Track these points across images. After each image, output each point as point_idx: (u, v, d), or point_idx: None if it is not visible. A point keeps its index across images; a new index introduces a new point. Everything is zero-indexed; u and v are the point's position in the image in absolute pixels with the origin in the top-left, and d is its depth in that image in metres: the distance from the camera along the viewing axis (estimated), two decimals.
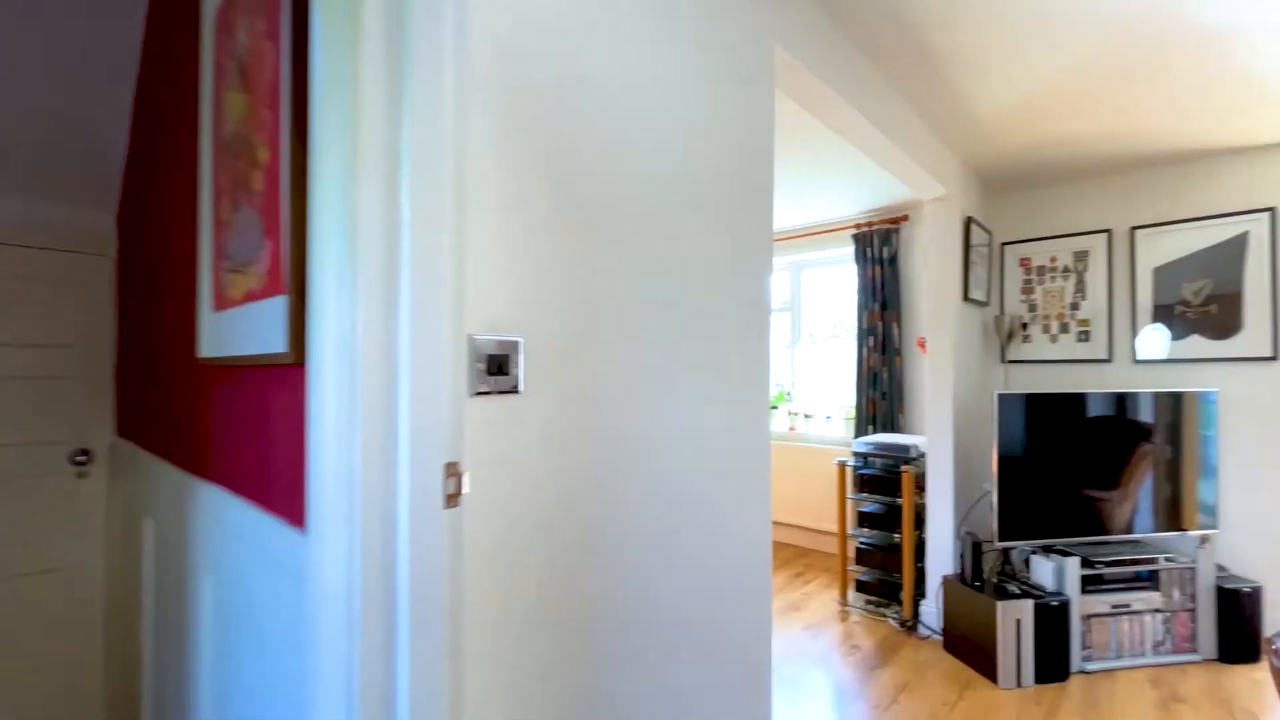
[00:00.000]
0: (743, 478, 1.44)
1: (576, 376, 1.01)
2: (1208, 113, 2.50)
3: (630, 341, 1.12)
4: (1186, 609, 2.76)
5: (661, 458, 1.20)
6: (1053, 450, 2.84)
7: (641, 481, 1.15)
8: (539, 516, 0.94)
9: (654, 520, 1.18)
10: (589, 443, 1.03)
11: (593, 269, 1.05)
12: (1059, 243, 3.42)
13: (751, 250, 1.47)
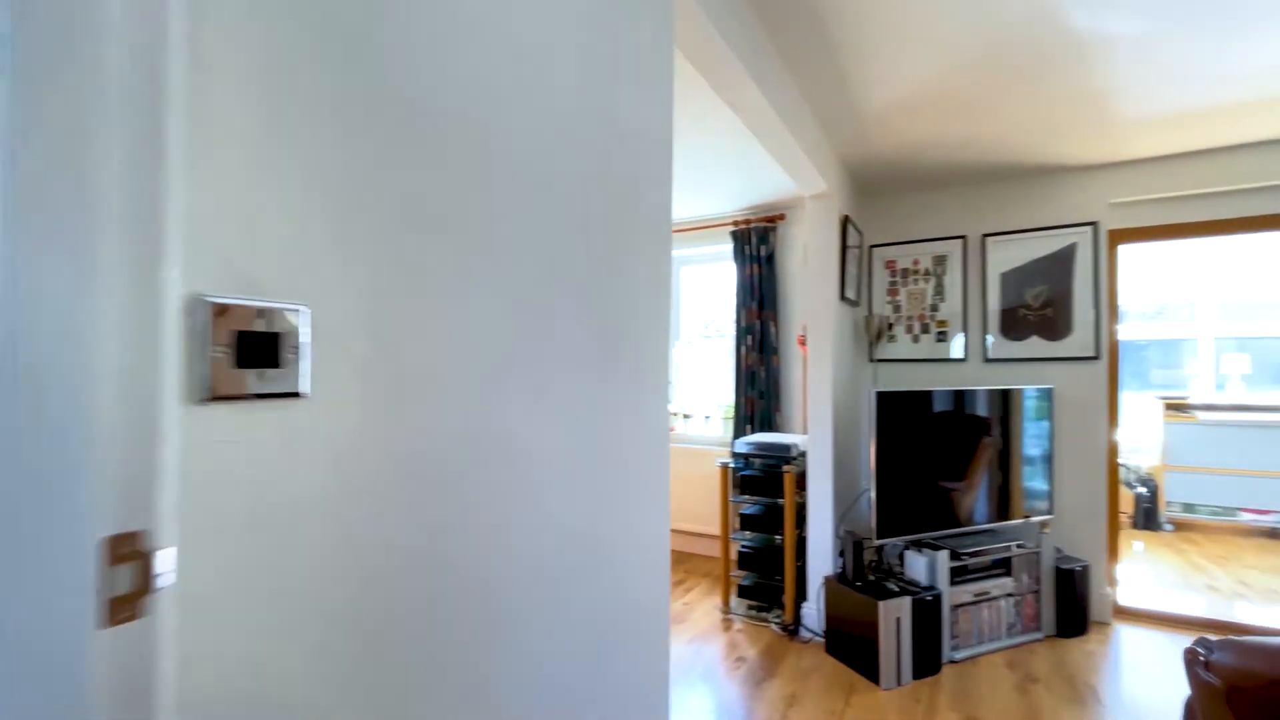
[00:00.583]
0: (642, 500, 1.15)
1: (402, 370, 0.65)
2: (1053, 131, 2.67)
3: (492, 320, 0.78)
4: (1032, 591, 2.96)
5: (543, 484, 0.86)
6: (925, 446, 2.91)
7: (516, 523, 0.81)
8: (333, 608, 0.57)
9: (534, 578, 0.84)
10: (427, 472, 0.67)
11: (429, 209, 0.69)
12: (921, 247, 3.58)
13: (651, 212, 1.18)
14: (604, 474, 1.02)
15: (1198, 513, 4.62)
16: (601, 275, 1.02)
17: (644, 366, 1.15)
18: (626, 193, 1.10)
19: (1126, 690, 2.48)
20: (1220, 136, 2.74)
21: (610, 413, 1.04)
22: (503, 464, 0.79)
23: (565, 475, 0.92)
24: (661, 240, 1.22)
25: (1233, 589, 3.47)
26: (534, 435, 0.85)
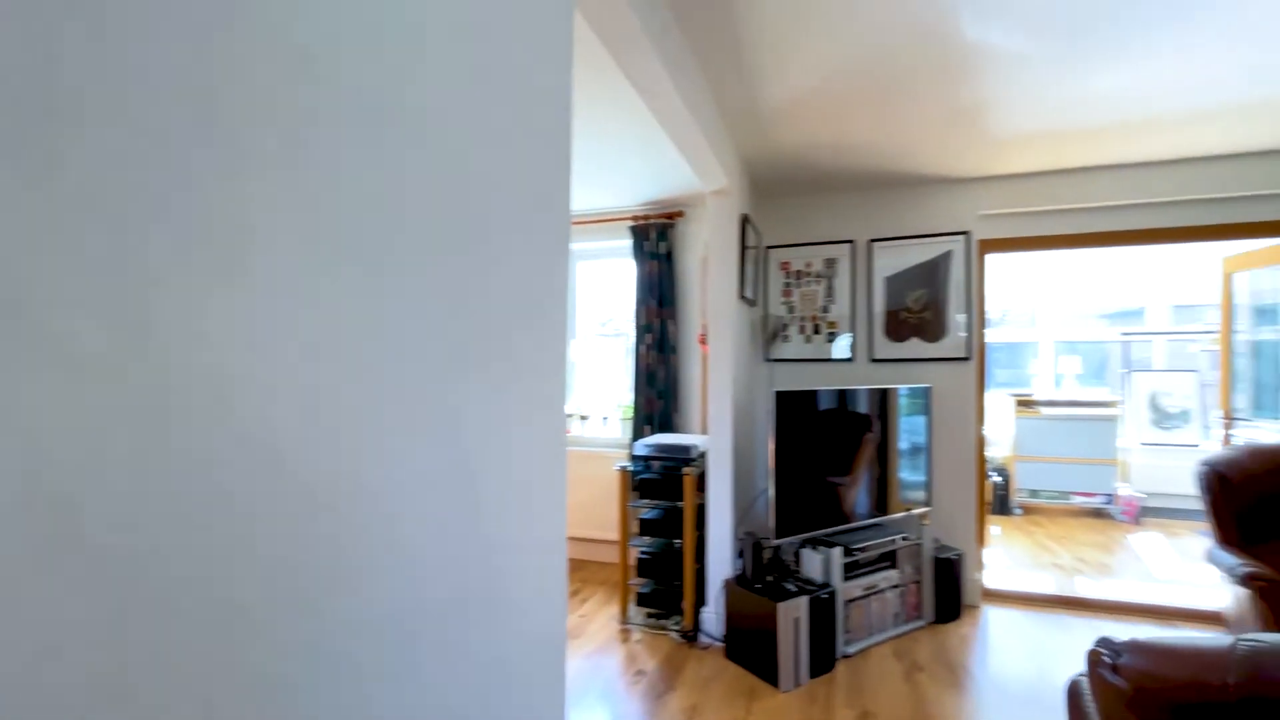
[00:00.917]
0: (534, 524, 0.96)
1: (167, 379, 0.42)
2: (933, 141, 2.79)
3: (327, 288, 0.56)
4: (914, 581, 3.10)
5: (403, 517, 0.65)
6: (820, 444, 2.95)
7: (364, 587, 0.59)
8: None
9: (397, 632, 0.62)
10: (229, 513, 0.44)
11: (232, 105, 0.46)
12: (814, 250, 3.66)
13: (547, 201, 1.00)
14: (488, 497, 0.82)
15: (1041, 497, 5.18)
16: (476, 267, 0.82)
17: (538, 371, 0.96)
18: (518, 176, 0.91)
19: (997, 669, 2.64)
20: (1077, 158, 3.02)
21: (496, 426, 0.84)
22: (348, 498, 0.57)
23: (438, 504, 0.71)
24: (558, 231, 1.04)
25: (1073, 565, 3.88)
26: (387, 458, 0.63)
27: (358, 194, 0.59)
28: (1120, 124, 2.59)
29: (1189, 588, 3.48)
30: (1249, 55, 2.03)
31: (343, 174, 0.57)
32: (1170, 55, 2.04)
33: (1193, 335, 5.44)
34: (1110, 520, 4.94)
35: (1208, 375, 5.22)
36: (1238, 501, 2.67)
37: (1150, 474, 5.11)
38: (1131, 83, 2.24)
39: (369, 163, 0.60)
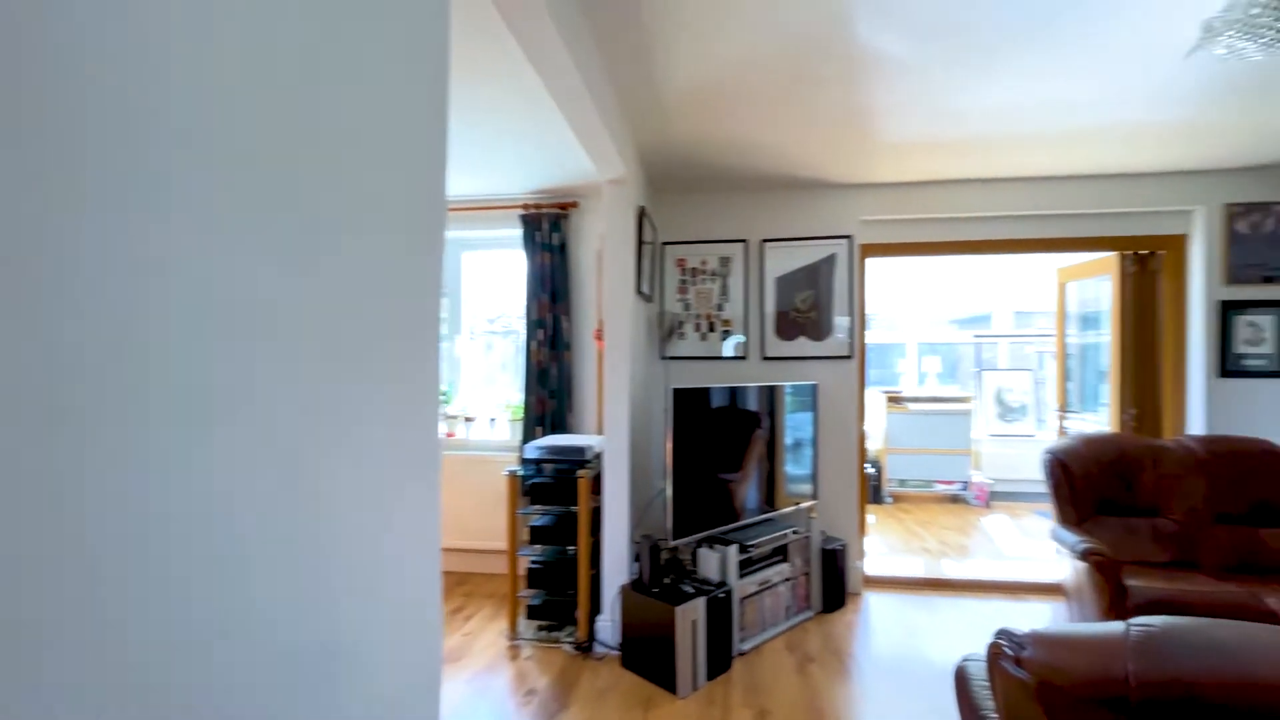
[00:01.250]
0: (399, 560, 0.76)
1: None
2: (822, 143, 2.86)
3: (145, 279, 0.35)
4: (804, 573, 3.17)
5: (242, 560, 0.44)
6: (716, 442, 2.92)
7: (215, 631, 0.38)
8: None
9: None
10: None
11: None
12: (709, 247, 3.65)
13: (416, 184, 0.81)
14: (331, 531, 0.62)
15: (908, 486, 5.61)
16: (327, 247, 0.62)
17: (401, 374, 0.77)
18: (379, 154, 0.71)
19: (880, 653, 2.75)
20: (948, 170, 3.23)
21: (347, 445, 0.64)
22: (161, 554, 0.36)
23: (260, 545, 0.50)
24: (428, 217, 0.85)
25: (939, 549, 4.20)
26: (219, 498, 0.42)
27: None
28: (985, 140, 2.80)
29: (1033, 563, 3.87)
30: (1087, 87, 2.24)
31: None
32: (1028, 80, 2.21)
33: (1029, 338, 6.17)
34: (966, 505, 5.45)
35: (1040, 374, 5.94)
36: (1075, 485, 2.99)
37: (997, 462, 5.71)
38: (994, 103, 2.40)
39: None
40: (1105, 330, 3.69)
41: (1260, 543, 2.71)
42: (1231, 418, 3.17)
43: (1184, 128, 2.62)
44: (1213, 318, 3.18)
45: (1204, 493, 2.84)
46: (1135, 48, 2.03)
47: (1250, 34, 1.85)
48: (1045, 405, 5.88)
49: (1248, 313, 3.15)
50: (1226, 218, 3.17)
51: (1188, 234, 3.29)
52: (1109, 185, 3.27)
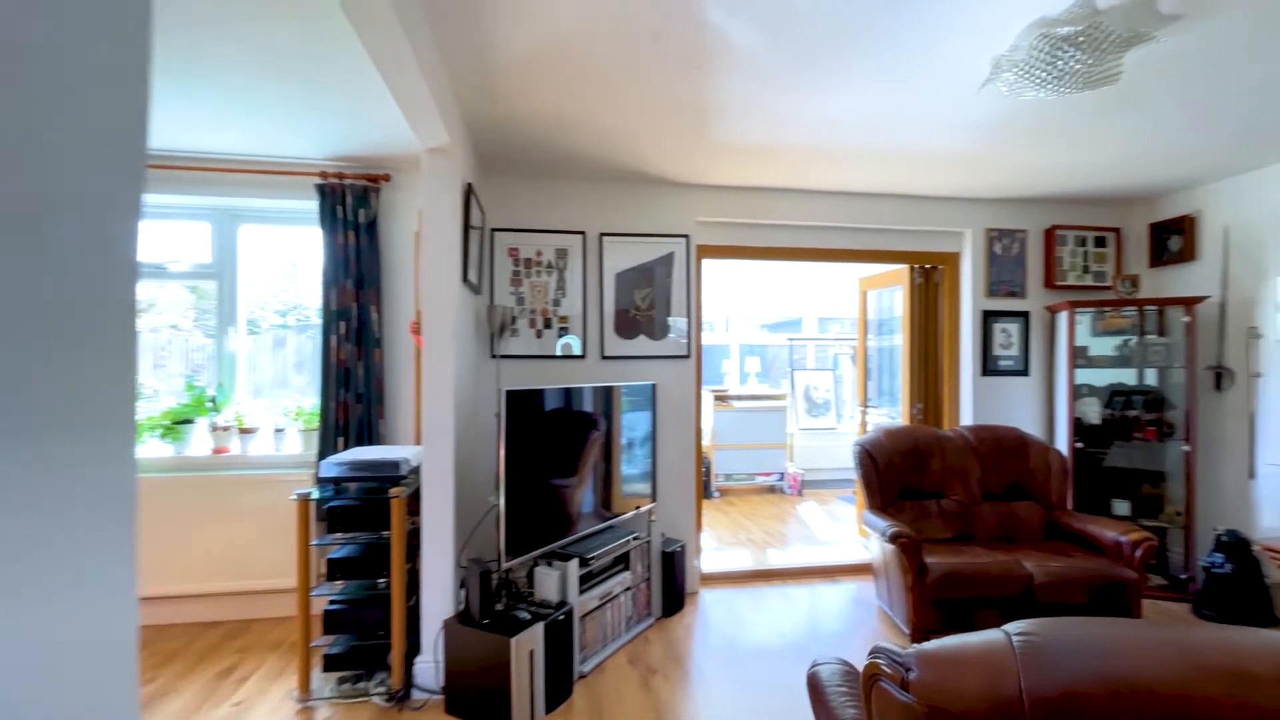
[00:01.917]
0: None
1: None
2: (662, 135, 2.77)
3: None
4: (645, 579, 3.06)
5: None
6: (554, 449, 2.67)
7: None
8: None
9: None
10: None
11: None
12: (544, 238, 3.39)
13: None
14: None
15: (733, 480, 5.89)
16: None
17: (57, 386, 0.42)
18: None
19: (720, 654, 2.73)
20: (778, 178, 3.35)
21: None
22: None
23: None
24: (121, 165, 0.49)
25: (763, 539, 4.42)
26: None
27: None
28: (809, 152, 2.92)
29: (844, 545, 4.24)
30: (901, 110, 2.42)
31: None
32: (854, 95, 2.31)
33: (831, 341, 6.89)
34: (782, 495, 5.88)
35: (838, 373, 6.65)
36: (881, 473, 3.28)
37: (807, 453, 6.26)
38: (821, 115, 2.50)
39: None
40: (898, 334, 4.17)
41: (1015, 516, 3.20)
42: (991, 409, 3.74)
43: (967, 157, 2.99)
44: (977, 325, 3.73)
45: (977, 475, 3.29)
46: (946, 78, 2.21)
47: (1027, 75, 2.11)
48: (844, 401, 6.60)
49: (1001, 321, 3.75)
50: (987, 240, 3.74)
51: (960, 252, 3.82)
52: (905, 205, 3.67)
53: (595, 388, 2.91)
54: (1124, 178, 3.28)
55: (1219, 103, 2.41)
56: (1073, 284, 3.77)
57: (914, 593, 2.78)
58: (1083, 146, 2.85)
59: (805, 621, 3.05)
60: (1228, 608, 2.95)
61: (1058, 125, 2.62)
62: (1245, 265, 3.19)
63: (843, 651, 2.72)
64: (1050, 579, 2.68)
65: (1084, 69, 2.02)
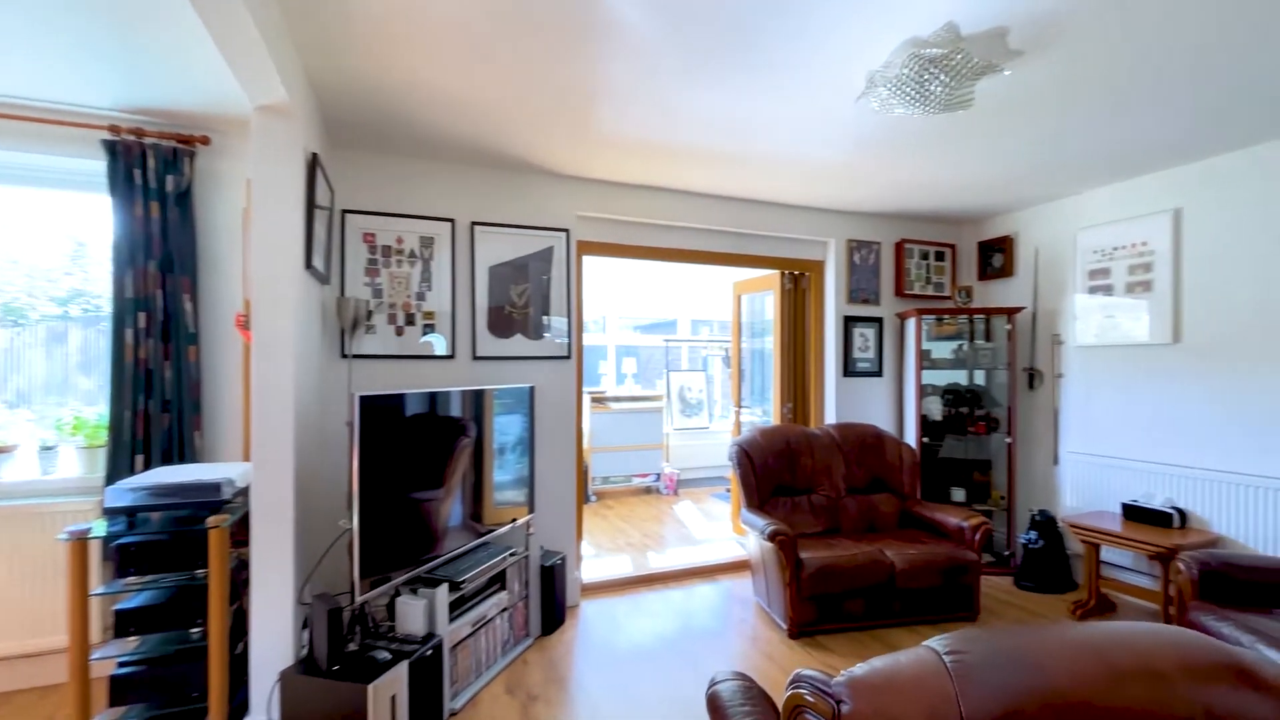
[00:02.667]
0: None
1: None
2: (541, 115, 2.58)
3: None
4: (523, 597, 2.83)
5: None
6: (418, 462, 2.36)
7: None
8: None
9: None
10: None
11: None
12: (406, 223, 3.03)
13: None
14: None
15: (611, 483, 5.80)
16: None
17: None
18: None
19: (605, 672, 2.58)
20: (659, 177, 3.28)
21: None
22: None
23: None
24: None
25: (643, 542, 4.36)
26: None
27: None
28: (689, 151, 2.89)
29: (720, 544, 4.30)
30: (782, 115, 2.46)
31: None
32: (737, 95, 2.30)
33: (704, 342, 7.07)
34: (659, 495, 5.90)
35: (709, 373, 6.84)
36: (757, 472, 3.34)
37: (682, 453, 6.35)
38: (703, 113, 2.46)
39: None
40: (769, 337, 4.33)
41: (875, 507, 3.43)
42: (851, 408, 4.00)
43: (836, 169, 3.14)
44: (840, 329, 3.97)
45: (842, 471, 3.48)
46: (826, 88, 2.26)
47: (898, 92, 2.22)
48: (715, 401, 6.79)
49: (859, 326, 4.03)
50: (848, 250, 4.00)
51: (825, 260, 4.04)
52: (779, 212, 3.81)
53: (465, 392, 2.64)
54: (960, 199, 3.67)
55: (1034, 140, 2.73)
56: (918, 293, 4.16)
57: (791, 588, 2.84)
58: (931, 167, 3.11)
59: (688, 626, 3.02)
60: (1041, 577, 3.40)
61: (914, 145, 2.82)
62: (1051, 281, 3.71)
63: (728, 653, 2.71)
64: (908, 565, 2.89)
65: (945, 92, 2.16)
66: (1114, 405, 3.33)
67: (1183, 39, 1.95)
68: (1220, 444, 2.89)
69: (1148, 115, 2.49)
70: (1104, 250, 3.39)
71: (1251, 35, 1.92)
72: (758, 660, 2.66)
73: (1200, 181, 2.98)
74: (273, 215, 2.07)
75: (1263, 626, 2.08)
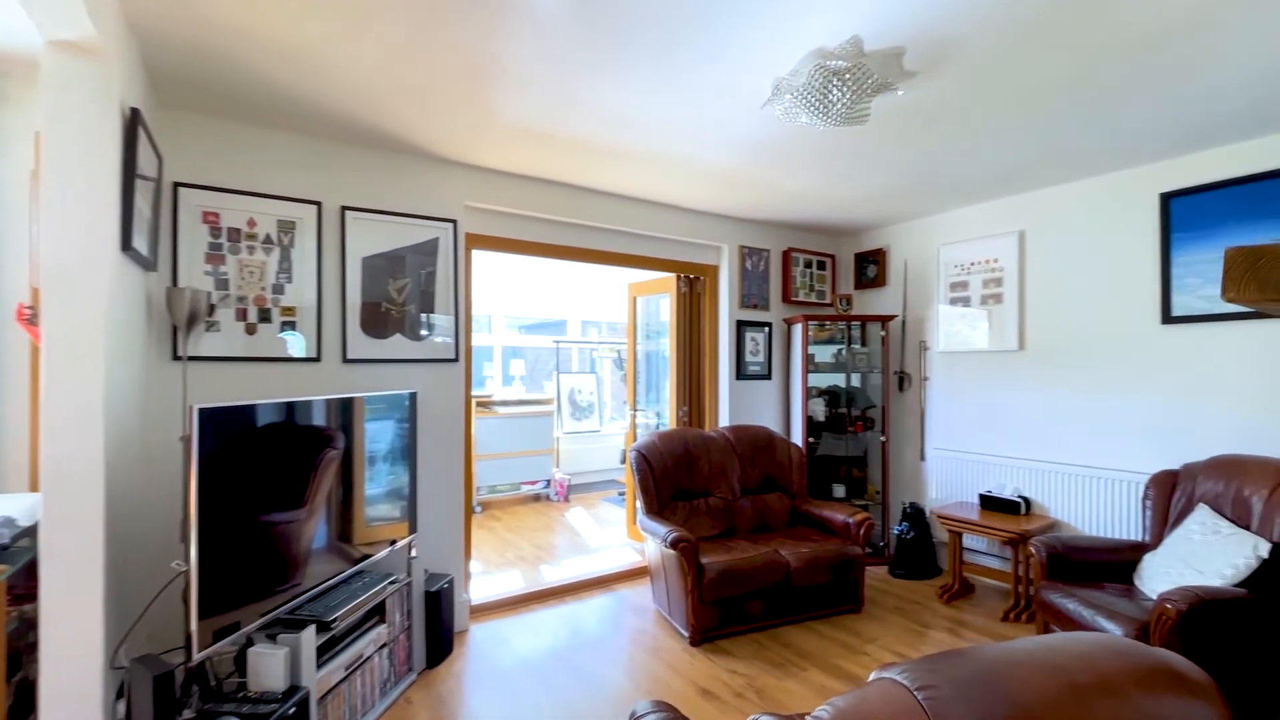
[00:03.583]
0: None
1: None
2: (428, 92, 2.32)
3: None
4: (405, 629, 2.53)
5: None
6: (276, 485, 2.00)
7: None
8: None
9: None
10: None
11: None
12: (261, 203, 2.60)
13: None
14: None
15: (497, 492, 5.48)
16: None
17: None
18: None
19: (500, 701, 2.37)
20: (557, 170, 3.10)
21: None
22: None
23: None
24: None
25: (535, 554, 4.14)
26: None
27: None
28: (590, 146, 2.76)
29: (615, 551, 4.19)
30: (687, 118, 2.41)
31: None
32: (643, 93, 2.21)
33: (594, 344, 6.95)
34: (549, 502, 5.68)
35: (599, 375, 6.74)
36: (657, 477, 3.28)
37: (572, 458, 6.17)
38: (610, 108, 2.34)
39: None
40: (663, 339, 4.30)
41: (768, 507, 3.51)
42: (744, 410, 4.08)
43: (735, 175, 3.16)
44: (733, 334, 4.04)
45: (737, 473, 3.52)
46: (732, 90, 2.24)
47: (803, 101, 2.25)
48: (606, 404, 6.70)
49: (750, 330, 4.13)
50: (741, 256, 4.08)
51: (719, 265, 4.09)
52: (677, 215, 3.78)
53: (332, 401, 2.29)
54: (841, 212, 3.88)
55: (908, 160, 2.93)
56: (803, 300, 4.35)
57: (693, 595, 2.81)
58: (818, 180, 3.23)
59: (588, 642, 2.87)
60: (912, 565, 3.67)
61: (805, 157, 2.91)
62: (918, 291, 4.04)
63: (630, 668, 2.61)
64: (802, 563, 2.97)
65: (844, 106, 2.21)
66: (972, 405, 3.70)
67: (1036, 85, 2.16)
68: (1056, 439, 3.29)
69: (1004, 146, 2.76)
70: (963, 265, 3.74)
71: (1086, 93, 2.17)
72: (661, 672, 2.58)
73: (1039, 208, 3.38)
74: (74, 181, 1.64)
75: (1097, 599, 2.36)
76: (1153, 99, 2.29)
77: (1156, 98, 2.28)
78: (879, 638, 2.89)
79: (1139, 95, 2.26)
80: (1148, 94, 2.25)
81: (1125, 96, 2.27)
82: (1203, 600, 1.99)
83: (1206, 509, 2.45)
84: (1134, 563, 2.58)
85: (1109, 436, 3.09)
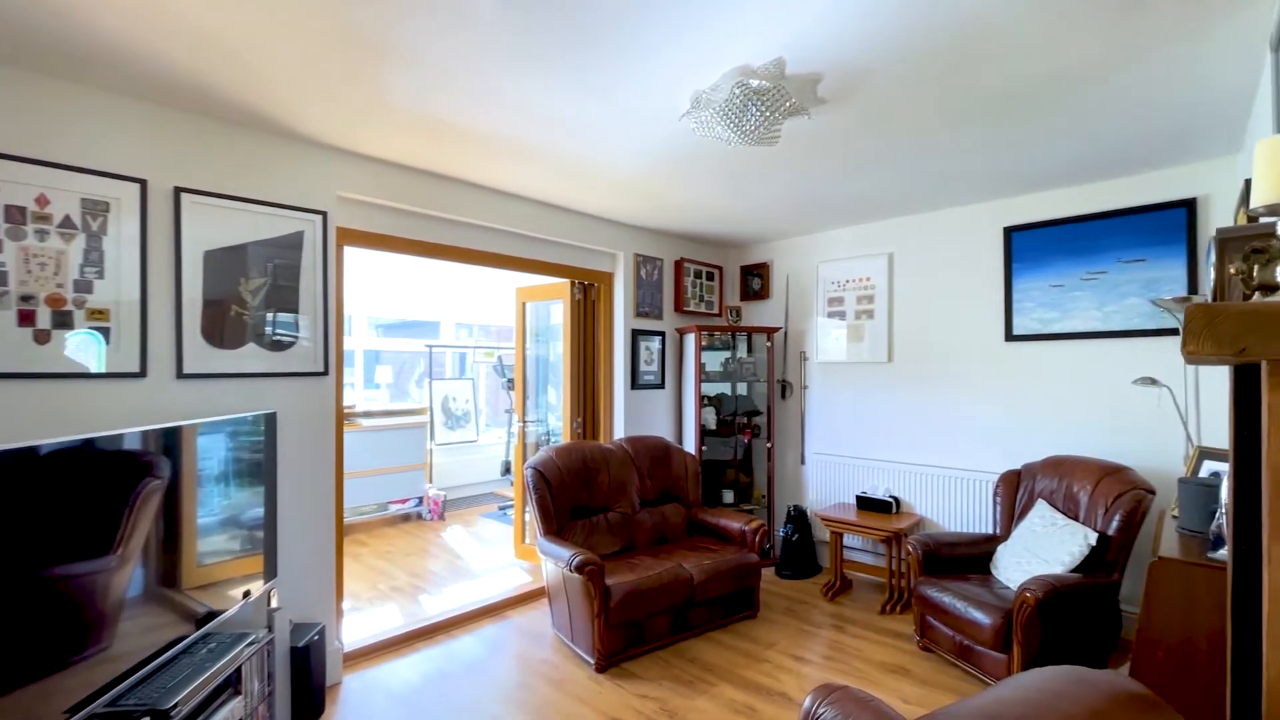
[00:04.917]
0: None
1: None
2: (309, 68, 1.97)
3: None
4: (267, 695, 2.12)
5: None
6: (77, 543, 1.56)
7: None
8: None
9: None
10: None
11: None
12: (57, 176, 2.03)
13: None
14: None
15: (360, 513, 4.91)
16: None
17: None
18: None
19: None
20: (446, 163, 2.80)
21: None
22: None
23: None
24: None
25: (412, 584, 3.75)
26: None
27: None
28: (490, 140, 2.53)
29: (502, 574, 3.93)
30: (600, 118, 2.29)
31: None
32: (559, 91, 2.06)
33: (472, 348, 6.52)
34: (422, 522, 5.21)
35: (478, 382, 6.35)
36: (554, 495, 3.12)
37: (447, 471, 5.73)
38: (521, 100, 2.16)
39: None
40: (554, 345, 4.13)
41: (666, 519, 3.49)
42: (639, 420, 4.04)
43: (636, 182, 3.09)
44: (627, 342, 3.98)
45: (636, 485, 3.46)
46: (651, 97, 2.16)
47: (721, 116, 2.24)
48: (482, 412, 6.33)
49: (645, 339, 4.09)
50: (636, 264, 4.03)
51: (614, 273, 4.01)
52: (573, 220, 3.63)
53: (150, 432, 1.84)
54: (730, 225, 3.98)
55: (794, 181, 3.07)
56: (694, 310, 4.41)
57: (600, 619, 2.69)
58: (713, 193, 3.28)
59: (483, 682, 2.63)
60: (797, 565, 3.87)
61: (704, 170, 2.92)
62: (799, 305, 4.27)
63: (533, 705, 2.42)
64: (705, 576, 2.98)
65: (761, 126, 2.24)
66: (847, 412, 3.98)
67: (914, 122, 2.35)
68: (920, 443, 3.65)
69: (881, 174, 2.99)
70: (839, 282, 4.02)
71: (951, 134, 2.41)
72: (569, 707, 2.43)
73: (906, 232, 3.73)
74: None
75: (966, 591, 2.62)
76: (1002, 145, 2.61)
77: (1005, 144, 2.60)
78: (776, 642, 2.98)
79: (992, 141, 2.56)
80: (998, 141, 2.56)
81: (981, 140, 2.56)
82: (1055, 588, 2.29)
83: (1044, 504, 2.83)
84: (990, 554, 2.91)
85: (964, 439, 3.48)
